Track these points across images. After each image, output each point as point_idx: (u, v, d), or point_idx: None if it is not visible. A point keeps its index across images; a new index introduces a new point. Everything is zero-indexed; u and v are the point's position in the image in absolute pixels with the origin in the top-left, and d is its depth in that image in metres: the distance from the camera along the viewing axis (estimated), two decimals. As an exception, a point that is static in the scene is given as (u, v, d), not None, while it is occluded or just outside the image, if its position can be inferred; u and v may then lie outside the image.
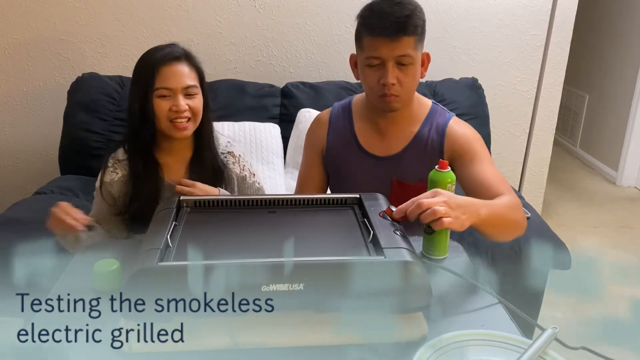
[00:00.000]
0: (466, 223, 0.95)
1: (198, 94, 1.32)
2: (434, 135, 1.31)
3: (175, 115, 1.28)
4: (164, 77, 1.27)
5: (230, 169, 1.42)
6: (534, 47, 2.44)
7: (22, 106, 2.30)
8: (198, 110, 1.32)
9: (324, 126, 1.42)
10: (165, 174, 1.36)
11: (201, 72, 1.35)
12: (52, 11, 2.19)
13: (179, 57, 1.30)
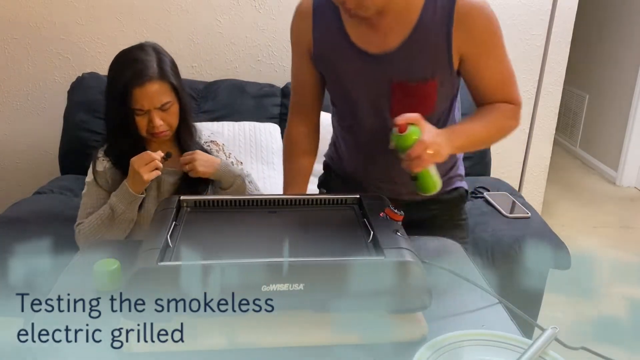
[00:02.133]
0: (444, 153, 1.01)
1: (173, 105, 1.36)
2: (439, 19, 1.08)
3: (152, 130, 1.34)
4: (137, 99, 1.31)
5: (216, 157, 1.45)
6: (534, 46, 2.44)
7: (22, 106, 2.30)
8: (174, 118, 1.38)
9: (307, 19, 1.24)
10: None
11: (174, 81, 1.36)
12: (52, 11, 2.19)
13: (151, 77, 1.32)
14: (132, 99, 1.31)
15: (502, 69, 1.13)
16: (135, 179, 1.31)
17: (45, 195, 1.92)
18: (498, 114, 1.14)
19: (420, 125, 0.99)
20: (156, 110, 1.33)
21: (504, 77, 1.14)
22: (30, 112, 2.31)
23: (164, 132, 1.36)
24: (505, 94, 1.15)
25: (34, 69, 2.25)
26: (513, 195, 2.03)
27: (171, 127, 1.38)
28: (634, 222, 3.12)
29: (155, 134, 1.36)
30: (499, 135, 1.17)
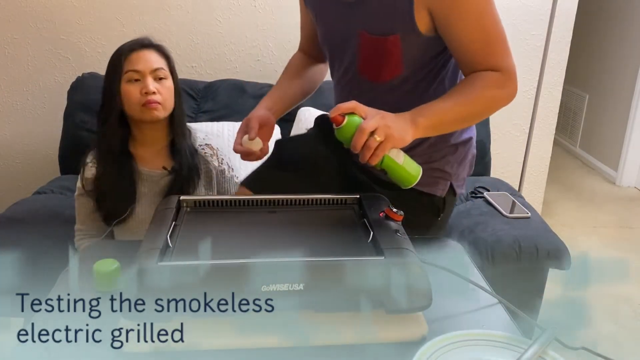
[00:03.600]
0: (403, 137, 0.93)
1: (167, 78, 1.37)
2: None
3: (144, 98, 1.32)
4: (132, 61, 1.34)
5: (209, 162, 1.45)
6: (534, 47, 2.44)
7: (22, 106, 2.30)
8: (168, 94, 1.37)
9: None
10: (141, 164, 1.40)
11: (171, 59, 1.41)
12: (52, 11, 2.19)
13: (147, 45, 1.37)
14: (128, 61, 1.33)
15: (482, 29, 1.02)
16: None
17: (45, 195, 1.92)
18: (478, 85, 1.02)
19: (358, 111, 0.92)
20: (151, 74, 1.34)
21: (484, 39, 1.02)
22: (30, 112, 2.31)
23: (157, 104, 1.34)
24: (488, 60, 1.03)
25: (34, 69, 2.25)
26: (513, 195, 2.02)
27: (164, 104, 1.36)
28: (634, 222, 3.12)
29: (148, 102, 1.32)
30: (485, 109, 1.06)
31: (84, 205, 1.43)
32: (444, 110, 1.00)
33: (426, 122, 0.97)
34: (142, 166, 1.40)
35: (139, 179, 1.39)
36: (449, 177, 1.22)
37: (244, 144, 1.11)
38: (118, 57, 1.35)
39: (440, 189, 1.21)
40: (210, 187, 1.45)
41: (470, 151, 1.27)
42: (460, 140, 1.22)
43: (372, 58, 1.10)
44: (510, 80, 1.04)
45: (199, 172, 1.42)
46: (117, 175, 1.37)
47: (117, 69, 1.34)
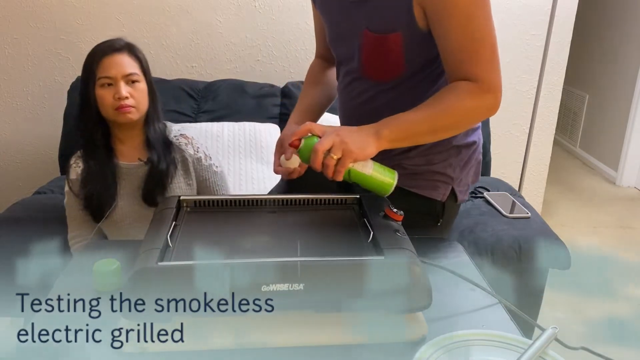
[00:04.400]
0: (368, 151, 0.93)
1: (140, 81, 1.40)
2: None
3: (117, 102, 1.36)
4: (104, 67, 1.36)
5: (184, 150, 1.49)
6: (534, 47, 2.44)
7: (22, 106, 2.30)
8: (141, 97, 1.40)
9: None
10: (120, 159, 1.46)
11: (144, 62, 1.43)
12: (52, 11, 2.19)
13: (119, 49, 1.39)
14: (100, 67, 1.36)
15: (469, 34, 0.98)
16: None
17: (45, 195, 1.92)
18: (452, 96, 1.00)
19: (314, 132, 0.94)
20: (123, 79, 1.37)
21: (468, 45, 0.99)
22: (30, 112, 2.31)
23: (130, 107, 1.38)
24: (470, 68, 1.00)
25: (34, 69, 2.25)
26: (513, 195, 2.03)
27: (138, 106, 1.40)
28: (634, 222, 3.12)
29: (121, 107, 1.36)
30: (459, 121, 1.04)
31: (73, 208, 1.47)
32: (412, 122, 0.99)
33: (391, 134, 0.96)
34: (122, 160, 1.46)
35: (119, 172, 1.45)
36: (450, 181, 1.19)
37: (283, 164, 1.11)
38: (90, 63, 1.38)
39: (440, 193, 1.19)
40: (189, 175, 1.50)
41: (474, 156, 1.23)
42: (464, 143, 1.19)
43: (374, 57, 1.10)
44: (490, 93, 1.02)
45: (175, 162, 1.47)
46: (100, 171, 1.42)
47: (90, 74, 1.38)
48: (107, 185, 1.41)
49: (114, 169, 1.43)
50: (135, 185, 1.44)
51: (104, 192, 1.41)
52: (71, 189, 1.45)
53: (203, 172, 1.51)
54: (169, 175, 1.44)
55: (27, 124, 2.32)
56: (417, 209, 1.16)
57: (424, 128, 1.00)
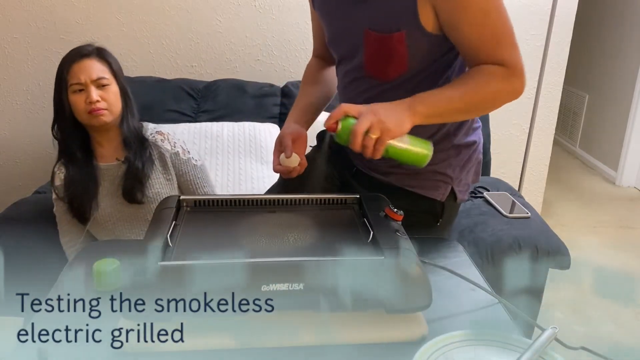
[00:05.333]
0: (404, 127, 0.94)
1: (111, 84, 1.44)
2: None
3: (89, 107, 1.40)
4: (74, 74, 1.41)
5: (160, 146, 1.52)
6: (534, 46, 2.44)
7: (21, 105, 2.30)
8: (113, 99, 1.44)
9: None
10: (100, 160, 1.49)
11: (114, 65, 1.48)
12: (52, 10, 2.19)
13: (87, 54, 1.44)
14: (70, 74, 1.40)
15: (488, 24, 0.99)
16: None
17: (45, 194, 1.92)
18: (483, 77, 1.01)
19: (351, 113, 0.93)
20: (93, 84, 1.40)
21: (490, 34, 1.00)
22: (30, 112, 2.31)
23: (102, 110, 1.41)
24: (494, 54, 1.01)
25: (33, 68, 2.25)
26: (513, 195, 2.03)
27: (110, 109, 1.43)
28: (633, 222, 3.12)
29: (92, 111, 1.39)
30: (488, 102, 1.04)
31: (62, 214, 1.51)
32: (445, 99, 1.00)
33: (426, 110, 0.97)
34: (101, 162, 1.49)
35: (100, 174, 1.47)
36: (450, 181, 1.20)
37: (282, 163, 1.12)
38: (61, 70, 1.42)
39: (440, 192, 1.20)
40: (167, 170, 1.52)
41: (474, 156, 1.24)
42: (464, 142, 1.20)
43: (377, 56, 1.10)
44: (516, 76, 1.02)
45: (152, 158, 1.50)
46: (79, 174, 1.45)
47: (62, 81, 1.42)
48: (87, 187, 1.44)
49: (93, 171, 1.46)
50: (116, 185, 1.47)
51: (85, 194, 1.44)
52: (57, 195, 1.49)
53: (182, 166, 1.54)
54: (145, 171, 1.47)
55: (27, 124, 2.32)
56: (417, 209, 1.17)
57: (457, 106, 1.01)
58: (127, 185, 1.45)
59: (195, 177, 1.55)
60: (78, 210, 1.46)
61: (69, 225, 1.51)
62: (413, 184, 1.20)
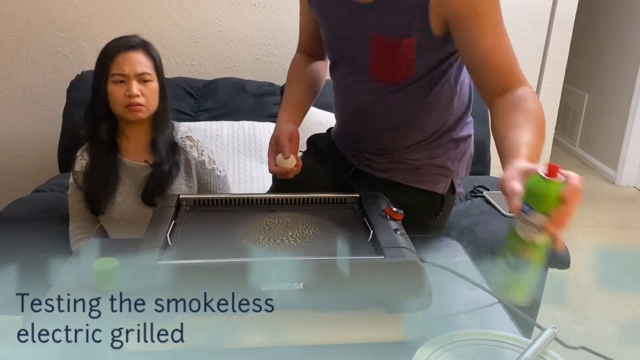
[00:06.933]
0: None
1: (152, 81, 1.41)
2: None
3: (128, 100, 1.37)
4: (118, 64, 1.37)
5: (188, 152, 1.49)
6: (534, 46, 2.44)
7: (21, 104, 2.30)
8: (152, 96, 1.41)
9: None
10: (124, 156, 1.45)
11: (158, 61, 1.44)
12: (52, 9, 2.18)
13: (134, 46, 1.40)
14: (114, 63, 1.37)
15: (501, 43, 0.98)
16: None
17: (44, 193, 1.92)
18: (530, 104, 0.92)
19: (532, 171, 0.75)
20: (135, 77, 1.37)
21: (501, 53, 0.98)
22: (29, 110, 2.31)
23: (140, 106, 1.38)
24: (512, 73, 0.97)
25: (33, 66, 2.25)
26: (513, 195, 2.02)
27: (148, 105, 1.40)
28: (633, 221, 3.12)
29: (131, 105, 1.37)
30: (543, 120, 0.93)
31: (76, 200, 1.47)
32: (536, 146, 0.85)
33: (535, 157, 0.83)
34: (126, 158, 1.46)
35: (122, 169, 1.45)
36: (450, 175, 1.23)
37: (280, 164, 1.11)
38: (105, 58, 1.39)
39: (441, 186, 1.22)
40: (190, 177, 1.49)
41: (469, 149, 1.27)
42: (461, 136, 1.23)
43: (384, 60, 1.10)
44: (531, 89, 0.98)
45: (179, 165, 1.47)
46: (104, 165, 1.43)
47: (104, 69, 1.38)
48: (107, 180, 1.42)
49: (116, 165, 1.43)
50: (137, 185, 1.44)
51: (104, 187, 1.42)
52: (75, 180, 1.46)
53: (205, 176, 1.51)
54: (170, 178, 1.44)
55: (26, 122, 2.32)
56: (418, 204, 1.20)
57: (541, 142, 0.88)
58: (148, 188, 1.42)
59: (217, 187, 1.53)
60: (93, 201, 1.43)
61: (80, 213, 1.48)
62: (414, 180, 1.21)
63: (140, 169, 1.45)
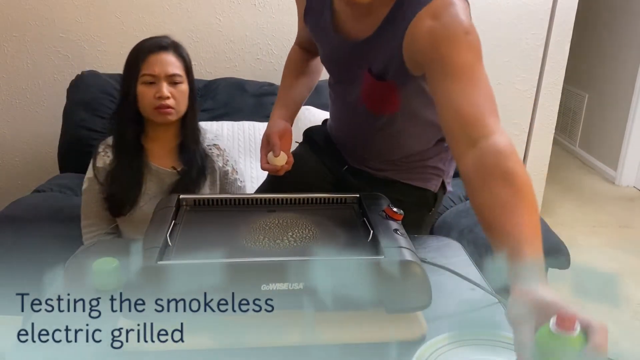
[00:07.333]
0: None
1: (183, 83, 1.38)
2: (397, 26, 0.98)
3: (158, 102, 1.34)
4: (149, 65, 1.34)
5: (214, 161, 1.47)
6: (534, 46, 2.44)
7: (21, 104, 2.30)
8: (181, 98, 1.38)
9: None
10: (151, 160, 1.42)
11: (188, 63, 1.41)
12: (52, 9, 2.18)
13: (165, 47, 1.37)
14: (145, 64, 1.34)
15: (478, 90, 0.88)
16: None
17: (45, 193, 1.92)
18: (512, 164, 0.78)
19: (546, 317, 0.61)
20: (166, 79, 1.35)
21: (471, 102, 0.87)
22: (29, 110, 2.31)
23: (170, 109, 1.35)
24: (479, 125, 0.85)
25: (33, 66, 2.25)
26: (512, 195, 2.02)
27: (177, 108, 1.37)
28: (633, 221, 3.12)
29: (161, 107, 1.34)
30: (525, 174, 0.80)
31: (94, 197, 1.43)
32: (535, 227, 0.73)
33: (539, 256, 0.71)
34: (153, 162, 1.42)
35: (148, 173, 1.41)
36: (442, 174, 1.27)
37: (270, 161, 1.13)
38: (136, 58, 1.36)
39: (433, 184, 1.27)
40: (214, 186, 1.47)
41: None
42: None
43: (372, 97, 1.12)
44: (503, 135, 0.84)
45: (206, 175, 1.44)
46: (129, 166, 1.39)
47: (134, 69, 1.35)
48: (133, 186, 1.38)
49: (142, 169, 1.40)
50: (161, 190, 1.41)
51: (129, 191, 1.39)
52: (96, 177, 1.41)
53: (227, 186, 1.50)
54: (197, 187, 1.42)
55: (26, 122, 2.32)
56: (411, 200, 1.22)
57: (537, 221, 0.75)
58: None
59: None
60: (115, 202, 1.40)
61: (96, 210, 1.43)
62: (407, 177, 1.25)
63: (166, 174, 1.42)
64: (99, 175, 1.41)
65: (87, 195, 1.45)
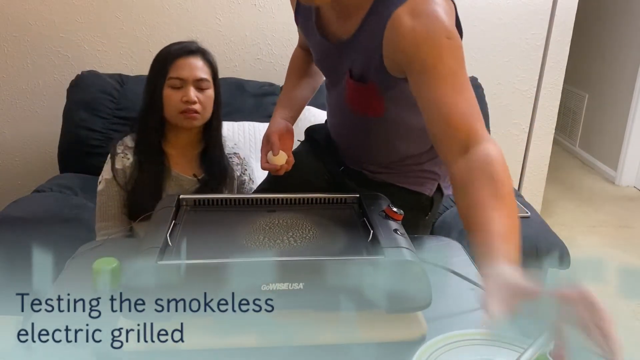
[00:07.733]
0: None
1: (209, 88, 1.37)
2: (376, 25, 0.95)
3: (184, 106, 1.32)
4: (177, 68, 1.33)
5: (234, 169, 1.46)
6: (534, 46, 2.44)
7: (21, 104, 2.30)
8: (208, 103, 1.36)
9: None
10: (173, 166, 1.40)
11: (215, 68, 1.40)
12: (52, 9, 2.18)
13: (194, 52, 1.36)
14: (173, 67, 1.33)
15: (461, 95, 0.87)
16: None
17: (45, 193, 1.92)
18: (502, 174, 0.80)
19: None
20: (193, 83, 1.33)
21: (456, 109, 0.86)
22: (29, 110, 2.31)
23: (196, 114, 1.34)
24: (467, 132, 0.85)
25: (33, 67, 2.25)
26: (512, 195, 2.02)
27: (203, 113, 1.36)
28: (633, 221, 3.12)
29: (187, 111, 1.32)
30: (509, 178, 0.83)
31: (111, 198, 1.40)
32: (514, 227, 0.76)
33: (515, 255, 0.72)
34: (175, 168, 1.41)
35: (168, 178, 1.40)
36: (437, 178, 1.25)
37: (270, 161, 1.13)
38: (163, 61, 1.35)
39: (428, 188, 1.25)
40: (231, 193, 1.47)
41: None
42: None
43: (356, 99, 1.11)
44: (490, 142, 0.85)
45: (226, 184, 1.44)
46: (151, 171, 1.37)
47: (162, 72, 1.33)
48: (154, 192, 1.36)
49: (164, 175, 1.38)
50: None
51: (151, 199, 1.32)
52: (116, 178, 1.38)
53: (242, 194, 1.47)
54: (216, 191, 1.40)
55: (27, 122, 2.32)
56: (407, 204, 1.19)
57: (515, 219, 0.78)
58: None
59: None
60: (136, 208, 1.37)
61: (113, 212, 1.40)
62: (402, 181, 1.24)
63: (186, 181, 1.40)
64: (118, 177, 1.38)
65: (104, 197, 1.41)
